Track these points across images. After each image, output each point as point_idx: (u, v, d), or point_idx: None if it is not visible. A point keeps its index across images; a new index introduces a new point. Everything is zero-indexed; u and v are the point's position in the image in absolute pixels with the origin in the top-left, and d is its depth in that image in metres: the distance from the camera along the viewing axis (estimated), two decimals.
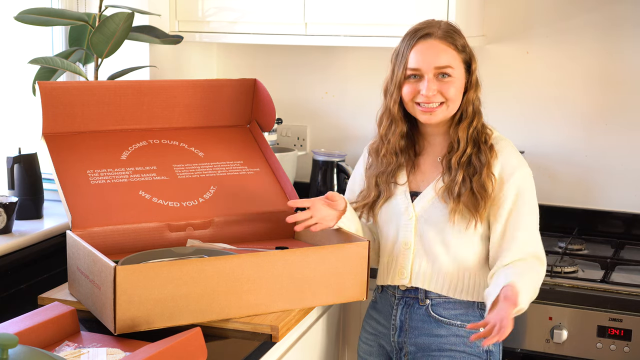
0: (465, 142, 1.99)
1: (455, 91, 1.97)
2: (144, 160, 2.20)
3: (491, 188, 1.96)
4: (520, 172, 1.99)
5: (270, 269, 1.87)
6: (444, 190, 1.99)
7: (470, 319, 2.01)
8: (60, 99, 2.13)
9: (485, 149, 1.98)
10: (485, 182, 1.96)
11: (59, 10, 2.49)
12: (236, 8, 2.73)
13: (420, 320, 2.03)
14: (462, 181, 1.96)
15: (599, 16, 2.72)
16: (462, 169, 1.97)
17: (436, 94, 1.97)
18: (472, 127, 1.99)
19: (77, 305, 1.90)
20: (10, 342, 1.27)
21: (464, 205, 1.95)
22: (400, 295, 2.06)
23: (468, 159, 1.98)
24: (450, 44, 1.97)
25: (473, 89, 2.00)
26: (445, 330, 2.01)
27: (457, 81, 1.98)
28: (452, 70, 1.96)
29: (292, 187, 2.30)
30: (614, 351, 2.24)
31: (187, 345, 1.58)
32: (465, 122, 1.99)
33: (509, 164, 1.98)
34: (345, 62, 3.02)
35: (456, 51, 1.97)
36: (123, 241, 2.05)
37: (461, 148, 1.99)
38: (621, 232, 2.76)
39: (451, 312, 2.01)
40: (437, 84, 1.96)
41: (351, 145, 3.02)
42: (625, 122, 2.74)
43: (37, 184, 2.36)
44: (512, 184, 1.97)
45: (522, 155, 2.05)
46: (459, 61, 1.98)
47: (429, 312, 2.02)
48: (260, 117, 2.41)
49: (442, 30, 1.98)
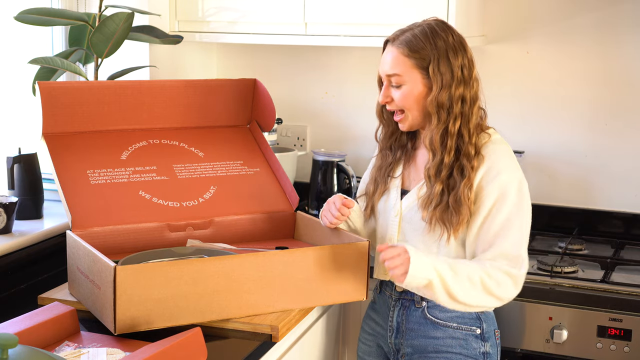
0: (439, 150, 1.92)
1: (408, 100, 1.94)
2: (144, 160, 2.21)
3: (467, 203, 1.90)
4: (506, 176, 1.91)
5: (270, 269, 1.87)
6: (423, 199, 1.96)
7: (467, 320, 1.99)
8: (60, 99, 2.13)
9: (470, 160, 1.91)
10: (462, 197, 1.89)
11: (59, 10, 2.49)
12: (236, 8, 2.73)
13: (416, 322, 2.02)
14: (440, 193, 1.92)
15: (600, 16, 2.72)
16: (441, 181, 1.92)
17: (390, 102, 1.98)
18: (442, 131, 1.92)
19: (77, 305, 1.90)
20: (10, 342, 1.27)
21: (437, 218, 1.92)
22: (397, 297, 2.05)
23: (448, 172, 1.92)
24: (403, 51, 1.92)
25: (436, 91, 1.90)
26: (442, 332, 2.00)
27: (409, 90, 1.93)
28: (400, 78, 1.93)
29: (292, 187, 2.30)
30: (614, 351, 2.24)
31: (187, 345, 1.58)
32: (432, 126, 1.93)
33: (495, 168, 1.92)
34: (345, 62, 3.02)
35: (408, 58, 1.92)
36: (123, 241, 2.05)
37: (437, 156, 1.93)
38: (621, 232, 2.76)
39: (447, 314, 1.99)
40: (391, 92, 1.97)
41: (351, 145, 3.02)
42: (625, 122, 2.74)
43: (37, 184, 2.36)
44: (494, 187, 1.90)
45: (515, 161, 1.96)
46: (410, 69, 1.92)
47: (425, 314, 2.01)
48: (260, 117, 2.41)
49: (403, 37, 1.94)
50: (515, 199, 1.91)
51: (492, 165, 1.92)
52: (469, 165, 1.91)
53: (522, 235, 1.92)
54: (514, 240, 1.90)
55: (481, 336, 1.99)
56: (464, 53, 1.94)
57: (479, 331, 1.99)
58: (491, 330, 2.02)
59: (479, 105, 1.97)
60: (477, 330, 1.99)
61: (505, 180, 1.91)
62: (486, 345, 2.00)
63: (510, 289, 1.90)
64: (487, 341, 2.00)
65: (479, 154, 1.93)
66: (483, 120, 1.99)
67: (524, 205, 1.93)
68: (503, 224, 1.90)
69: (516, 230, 1.91)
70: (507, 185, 1.91)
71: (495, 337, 2.03)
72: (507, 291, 1.90)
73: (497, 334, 2.04)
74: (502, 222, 1.90)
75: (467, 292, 1.87)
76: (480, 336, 1.99)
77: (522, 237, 1.92)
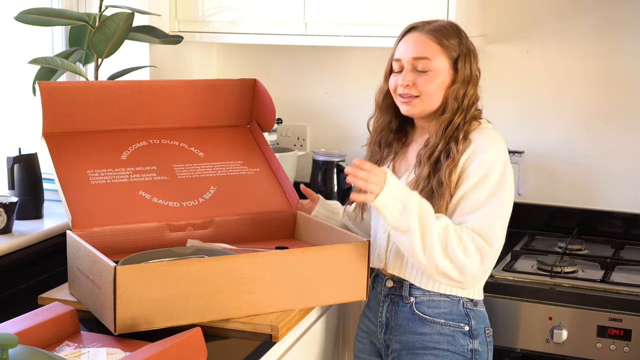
0: (439, 137, 1.95)
1: (431, 85, 1.95)
2: (144, 160, 2.20)
3: (448, 185, 1.91)
4: (490, 156, 1.92)
5: (270, 269, 1.87)
6: (410, 183, 1.97)
7: (455, 317, 1.99)
8: (60, 99, 2.13)
9: (457, 144, 1.93)
10: (444, 178, 1.91)
11: (59, 10, 2.49)
12: (236, 8, 2.73)
13: (404, 318, 2.03)
14: (427, 176, 1.94)
15: (599, 16, 2.72)
16: (430, 164, 1.94)
17: (411, 86, 1.96)
18: (448, 122, 1.95)
19: (77, 305, 1.90)
20: (10, 342, 1.27)
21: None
22: (386, 293, 2.06)
23: (438, 155, 1.94)
24: (435, 38, 1.96)
25: (458, 84, 1.96)
26: (429, 328, 2.00)
27: (436, 76, 1.96)
28: (429, 62, 1.95)
29: (292, 187, 2.30)
30: (614, 351, 2.24)
31: (187, 345, 1.58)
32: (444, 116, 1.96)
33: (480, 149, 1.93)
34: (345, 62, 3.02)
35: (440, 46, 1.95)
36: (123, 241, 2.05)
37: (433, 143, 1.96)
38: (621, 232, 2.76)
39: (435, 310, 2.00)
40: (413, 76, 1.96)
41: (351, 145, 3.02)
42: (625, 123, 2.74)
43: (37, 184, 2.36)
44: (477, 165, 1.91)
45: (502, 146, 1.97)
46: (440, 55, 1.96)
47: (413, 310, 2.01)
48: (260, 117, 2.41)
49: (431, 26, 1.98)
50: (498, 178, 1.91)
51: (478, 146, 1.94)
52: (455, 148, 1.93)
53: (500, 213, 1.91)
54: (491, 216, 1.89)
55: (469, 333, 2.00)
56: (477, 60, 2.02)
57: (467, 328, 2.00)
58: (481, 327, 2.02)
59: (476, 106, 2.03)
60: (465, 327, 2.00)
61: (488, 161, 1.92)
62: (474, 343, 2.00)
63: (475, 262, 1.87)
64: (475, 338, 2.00)
65: (466, 139, 1.95)
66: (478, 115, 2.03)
67: (506, 186, 1.92)
68: (482, 202, 1.89)
69: (494, 208, 1.90)
70: (491, 166, 1.91)
71: (486, 335, 2.03)
72: (471, 264, 1.86)
73: (488, 332, 2.05)
74: (482, 199, 1.90)
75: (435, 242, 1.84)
76: (469, 333, 2.00)
77: (499, 215, 1.91)
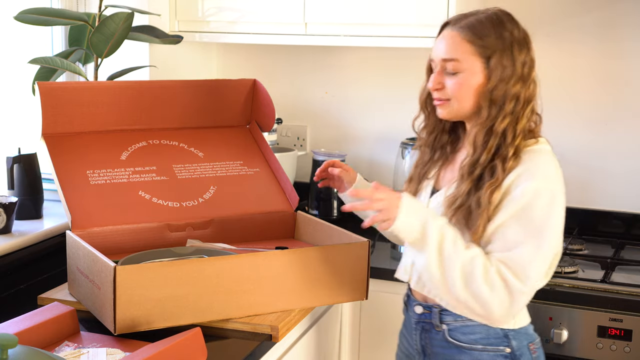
0: (480, 148, 1.76)
1: (461, 88, 1.78)
2: (143, 160, 2.20)
3: (487, 206, 1.72)
4: (538, 183, 1.71)
5: (270, 269, 1.87)
6: (449, 197, 1.80)
7: (492, 341, 1.81)
8: (60, 99, 2.12)
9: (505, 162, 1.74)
10: (483, 198, 1.72)
11: (58, 10, 2.49)
12: (236, 8, 2.73)
13: (440, 346, 1.87)
14: (466, 193, 1.76)
15: (600, 16, 2.72)
16: (471, 180, 1.76)
17: (441, 89, 1.81)
18: (488, 127, 1.76)
19: (77, 305, 1.90)
20: (10, 342, 1.27)
21: (457, 219, 1.76)
22: (416, 320, 1.91)
23: (481, 171, 1.75)
24: (466, 36, 1.77)
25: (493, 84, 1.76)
26: (467, 356, 1.83)
27: (466, 78, 1.77)
28: (458, 64, 1.77)
29: (292, 187, 2.30)
30: (614, 351, 2.23)
31: (187, 345, 1.58)
32: (480, 120, 1.78)
33: (529, 172, 1.73)
34: (345, 62, 3.02)
35: (471, 44, 1.77)
36: (123, 241, 2.05)
37: (475, 154, 1.77)
38: (621, 232, 2.76)
39: (470, 336, 1.82)
40: (443, 78, 1.80)
41: (351, 145, 3.02)
42: (625, 122, 2.74)
43: (36, 184, 2.36)
44: (522, 192, 1.71)
45: (556, 173, 1.76)
46: (471, 55, 1.77)
47: (447, 338, 1.85)
48: (260, 117, 2.40)
49: (466, 21, 1.79)
50: (542, 212, 1.71)
51: (528, 169, 1.74)
52: (501, 167, 1.74)
53: (540, 255, 1.71)
54: (530, 256, 1.70)
55: (512, 355, 1.82)
56: (527, 50, 1.80)
57: (509, 350, 1.82)
58: (524, 346, 1.83)
59: (532, 108, 1.80)
60: (506, 350, 1.82)
61: (535, 188, 1.71)
62: None
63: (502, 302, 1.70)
64: (520, 359, 1.83)
65: (517, 156, 1.75)
66: (536, 126, 1.82)
67: (551, 223, 1.72)
68: (521, 238, 1.71)
69: (535, 248, 1.70)
70: (537, 194, 1.71)
71: (531, 352, 1.84)
72: (497, 303, 1.70)
73: (533, 347, 1.85)
74: (521, 235, 1.71)
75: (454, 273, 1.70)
76: (511, 355, 1.82)
77: (540, 258, 1.71)
